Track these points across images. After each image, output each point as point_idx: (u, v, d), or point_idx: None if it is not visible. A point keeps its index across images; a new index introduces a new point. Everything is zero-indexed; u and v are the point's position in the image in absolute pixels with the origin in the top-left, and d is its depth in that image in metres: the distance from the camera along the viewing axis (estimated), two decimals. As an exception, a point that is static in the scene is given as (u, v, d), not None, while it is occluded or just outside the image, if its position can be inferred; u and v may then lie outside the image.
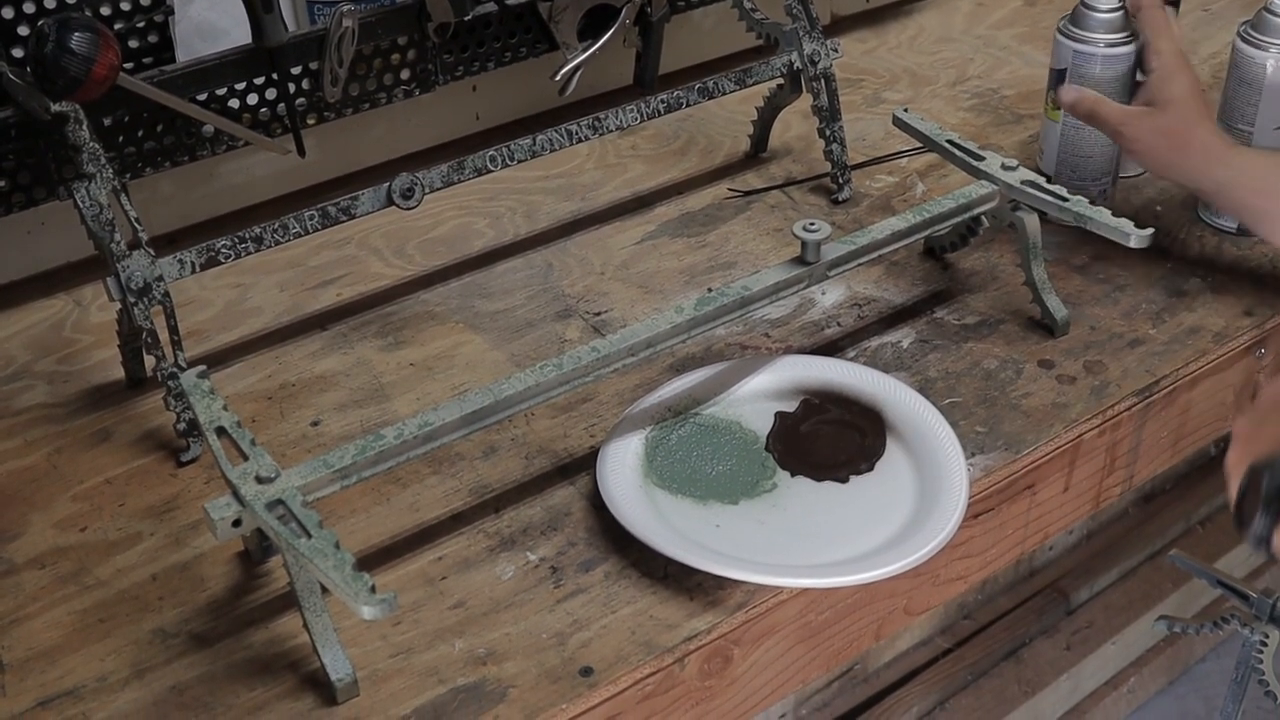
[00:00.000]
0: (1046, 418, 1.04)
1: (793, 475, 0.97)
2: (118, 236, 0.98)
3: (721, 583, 0.90)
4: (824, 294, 1.17)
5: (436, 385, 1.09)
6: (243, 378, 1.11)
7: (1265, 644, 1.33)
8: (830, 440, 0.99)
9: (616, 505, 0.92)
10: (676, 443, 0.99)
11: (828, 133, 1.28)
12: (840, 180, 1.31)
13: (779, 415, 1.02)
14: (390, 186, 1.09)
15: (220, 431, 0.85)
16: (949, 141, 1.16)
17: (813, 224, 1.01)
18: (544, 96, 1.35)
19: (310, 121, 1.24)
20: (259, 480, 0.81)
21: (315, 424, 1.06)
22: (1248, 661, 1.35)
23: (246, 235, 1.04)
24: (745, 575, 0.88)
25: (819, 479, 0.97)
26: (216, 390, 0.88)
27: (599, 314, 1.17)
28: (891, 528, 0.92)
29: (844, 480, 0.97)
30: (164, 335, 1.01)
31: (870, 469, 0.98)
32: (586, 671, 0.85)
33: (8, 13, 1.07)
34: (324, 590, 0.82)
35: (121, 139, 1.15)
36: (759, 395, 1.04)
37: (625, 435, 0.99)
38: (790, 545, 0.91)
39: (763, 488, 0.96)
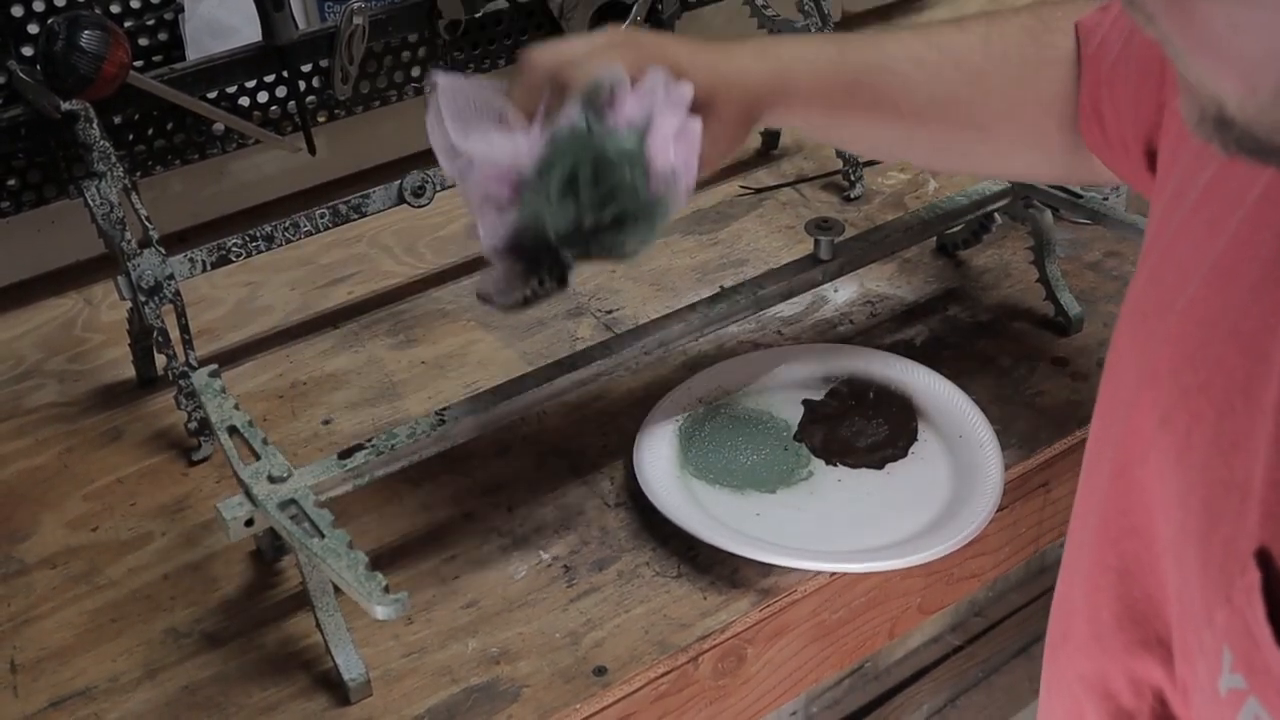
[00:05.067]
0: (1061, 415, 1.03)
1: (828, 463, 0.97)
2: (128, 235, 0.98)
3: (734, 581, 0.89)
4: (836, 291, 1.17)
5: (448, 383, 1.09)
6: (254, 376, 1.11)
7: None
8: (862, 427, 0.99)
9: (659, 498, 0.92)
10: (709, 433, 0.99)
11: (839, 129, 1.28)
12: (852, 177, 1.30)
13: (808, 404, 1.02)
14: (401, 184, 1.09)
15: (232, 430, 0.85)
16: (962, 138, 1.15)
17: (825, 221, 1.01)
18: (554, 93, 1.35)
19: (321, 119, 1.24)
20: (271, 479, 0.81)
21: (327, 423, 1.05)
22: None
23: (257, 233, 1.04)
24: (806, 564, 0.88)
25: (854, 465, 0.97)
26: (228, 389, 0.88)
27: (610, 312, 1.16)
28: (934, 508, 0.93)
29: (879, 466, 0.97)
30: (175, 334, 1.01)
31: (904, 455, 0.98)
32: (600, 671, 0.84)
33: (18, 11, 1.07)
34: (337, 590, 0.81)
35: (132, 137, 1.15)
36: (787, 384, 1.04)
37: (658, 427, 0.99)
38: (835, 532, 0.91)
39: (799, 476, 0.96)
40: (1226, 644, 0.54)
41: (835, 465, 0.97)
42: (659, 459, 0.96)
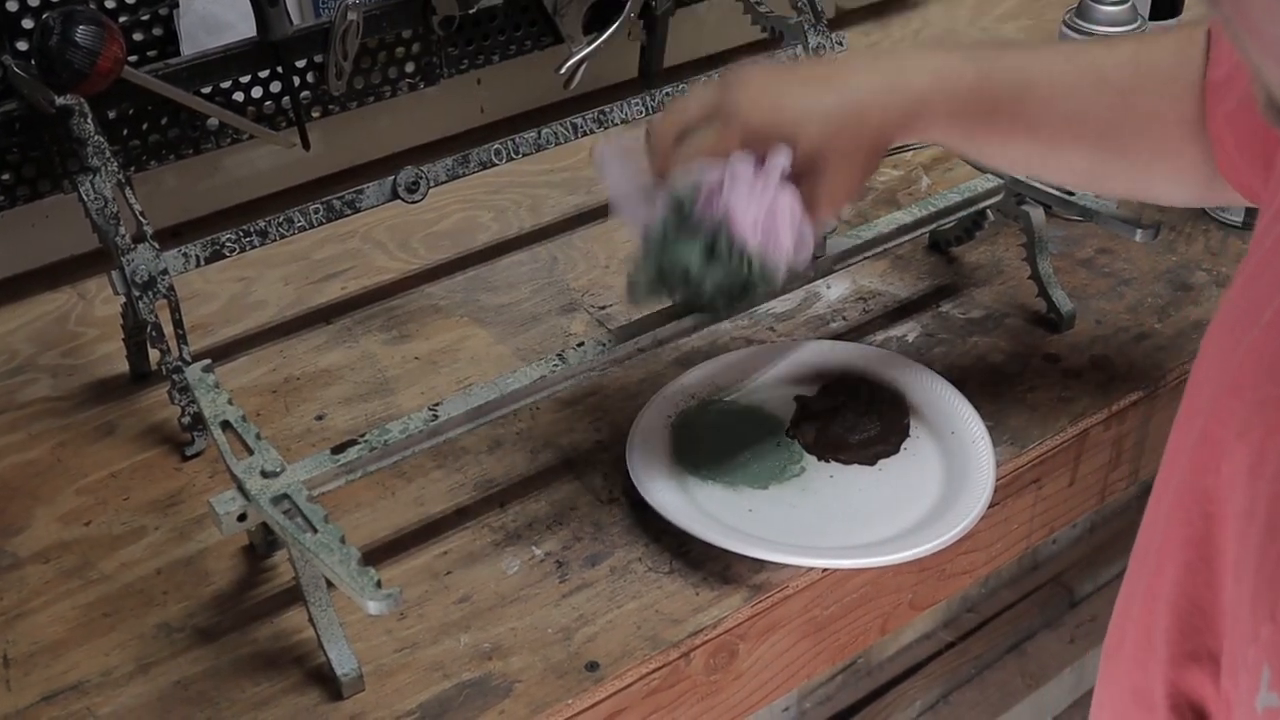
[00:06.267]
0: (1052, 412, 1.03)
1: (820, 459, 0.97)
2: (122, 230, 0.98)
3: (727, 576, 0.89)
4: (829, 288, 1.17)
5: (441, 379, 1.09)
6: (247, 371, 1.11)
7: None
8: (855, 424, 0.99)
9: (651, 494, 0.92)
10: (702, 429, 1.00)
11: (833, 126, 1.28)
12: (845, 174, 1.30)
13: (801, 400, 1.02)
14: (395, 180, 1.09)
15: (225, 425, 0.85)
16: (955, 135, 1.16)
17: (818, 218, 1.01)
18: (549, 89, 1.35)
19: (315, 115, 1.24)
20: (264, 474, 0.81)
21: (320, 418, 1.05)
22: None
23: (251, 229, 1.04)
24: (798, 560, 0.88)
25: (847, 462, 0.97)
26: (221, 384, 0.88)
27: (604, 308, 1.16)
28: (926, 504, 0.93)
29: (871, 463, 0.97)
30: (168, 329, 1.01)
31: (896, 451, 0.98)
32: (592, 666, 0.85)
33: (12, 5, 1.07)
34: (329, 585, 0.82)
35: (126, 132, 1.15)
36: (779, 381, 1.04)
37: (651, 423, 0.99)
38: (828, 528, 0.92)
39: (791, 472, 0.97)
40: (1267, 661, 0.53)
41: (828, 461, 0.97)
42: (652, 455, 0.96)
